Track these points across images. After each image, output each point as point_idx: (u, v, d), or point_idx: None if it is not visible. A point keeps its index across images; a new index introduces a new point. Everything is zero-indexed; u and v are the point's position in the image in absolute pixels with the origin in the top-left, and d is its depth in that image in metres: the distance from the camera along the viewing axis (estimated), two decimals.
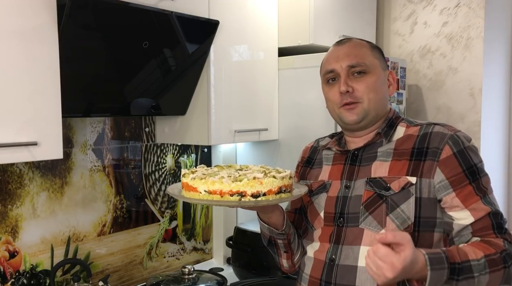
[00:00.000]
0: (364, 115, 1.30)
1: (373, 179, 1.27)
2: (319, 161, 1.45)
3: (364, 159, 1.33)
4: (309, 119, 2.23)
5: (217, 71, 1.98)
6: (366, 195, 1.26)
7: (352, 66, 1.30)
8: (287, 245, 1.40)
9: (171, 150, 2.26)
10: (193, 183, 1.21)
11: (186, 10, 1.77)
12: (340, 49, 1.35)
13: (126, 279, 2.09)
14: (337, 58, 1.32)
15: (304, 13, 2.24)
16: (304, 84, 2.24)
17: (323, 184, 1.37)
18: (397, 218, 1.22)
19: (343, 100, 1.30)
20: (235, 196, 1.18)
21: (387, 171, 1.26)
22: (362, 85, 1.29)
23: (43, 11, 1.40)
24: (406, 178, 1.23)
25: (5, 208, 1.68)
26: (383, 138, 1.31)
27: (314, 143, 1.54)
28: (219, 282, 1.89)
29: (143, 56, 1.71)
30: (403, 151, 1.27)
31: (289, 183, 1.25)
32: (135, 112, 1.87)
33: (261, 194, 1.18)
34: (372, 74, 1.30)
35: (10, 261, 1.70)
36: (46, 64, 1.42)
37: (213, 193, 1.19)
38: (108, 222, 2.01)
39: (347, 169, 1.34)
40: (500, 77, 2.81)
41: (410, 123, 1.34)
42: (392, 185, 1.24)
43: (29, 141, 1.37)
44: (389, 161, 1.28)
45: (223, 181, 1.18)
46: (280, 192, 1.22)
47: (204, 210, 2.43)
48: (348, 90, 1.29)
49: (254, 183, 1.18)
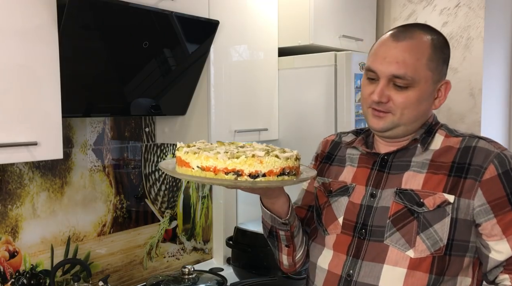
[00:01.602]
0: (391, 127, 1.17)
1: (404, 191, 1.14)
2: (340, 159, 1.31)
3: (394, 166, 1.19)
4: (309, 119, 2.23)
5: (217, 71, 1.98)
6: (395, 208, 1.14)
7: (396, 76, 1.13)
8: (290, 238, 1.28)
9: (171, 150, 2.26)
10: (186, 158, 1.10)
11: (186, 10, 1.77)
12: (393, 47, 1.15)
13: (126, 279, 2.09)
14: (383, 59, 1.14)
15: (304, 13, 2.23)
16: (304, 84, 2.24)
17: (345, 186, 1.25)
18: (428, 238, 1.10)
19: (373, 104, 1.17)
20: (231, 175, 1.05)
21: (421, 183, 1.14)
22: (400, 99, 1.14)
23: (43, 11, 1.40)
24: (443, 195, 1.11)
25: (5, 208, 1.68)
26: (420, 145, 1.18)
27: (336, 136, 1.39)
28: (219, 282, 1.89)
29: (143, 56, 1.71)
30: (441, 163, 1.14)
31: (295, 165, 1.11)
32: (135, 112, 1.87)
33: (260, 174, 1.05)
34: (417, 89, 1.14)
35: (10, 261, 1.70)
36: (46, 64, 1.42)
37: (207, 169, 1.06)
38: (108, 222, 2.01)
39: (374, 174, 1.21)
40: (500, 77, 2.81)
41: (450, 132, 1.20)
42: (426, 201, 1.11)
43: (29, 141, 1.37)
44: (424, 173, 1.15)
45: (218, 156, 1.05)
46: (283, 173, 1.08)
47: (204, 210, 2.43)
48: (382, 101, 1.14)
49: (252, 161, 1.05)
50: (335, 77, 2.15)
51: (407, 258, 1.11)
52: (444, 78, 1.19)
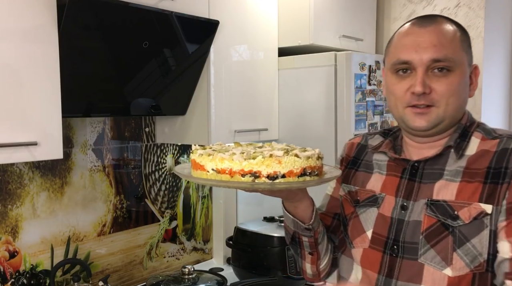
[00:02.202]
0: (437, 122, 1.06)
1: (436, 202, 1.04)
2: (367, 164, 1.20)
3: (426, 174, 1.08)
4: (309, 119, 2.23)
5: (217, 71, 1.98)
6: (427, 222, 1.04)
7: (436, 60, 1.03)
8: (313, 245, 1.19)
9: (171, 150, 2.26)
10: (200, 160, 1.04)
11: (186, 10, 1.77)
12: (422, 33, 1.05)
13: (126, 279, 2.08)
14: (417, 47, 1.04)
15: (304, 13, 2.23)
16: (304, 84, 2.24)
17: (374, 196, 1.14)
18: (466, 254, 1.00)
19: (412, 100, 1.05)
20: (248, 177, 0.98)
21: (454, 193, 1.03)
22: (443, 86, 1.03)
23: (43, 11, 1.40)
24: (479, 206, 1.00)
25: (5, 208, 1.68)
26: (454, 152, 1.07)
27: (361, 139, 1.28)
28: (219, 282, 1.89)
29: (143, 56, 1.71)
30: (476, 171, 1.03)
31: (317, 165, 1.03)
32: (135, 112, 1.87)
33: (279, 175, 0.98)
34: (458, 73, 1.04)
35: (10, 261, 1.70)
36: (46, 64, 1.42)
37: (222, 172, 1.00)
38: (108, 222, 2.01)
39: (404, 184, 1.10)
40: (500, 77, 2.81)
41: (487, 134, 1.08)
42: (460, 213, 1.01)
43: (29, 141, 1.37)
44: (458, 182, 1.03)
45: (233, 158, 0.99)
46: (304, 174, 1.00)
47: (204, 210, 2.43)
48: (426, 91, 1.03)
49: (270, 161, 0.98)
50: (335, 77, 2.15)
51: (445, 277, 1.01)
52: (472, 62, 1.11)
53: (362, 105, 2.18)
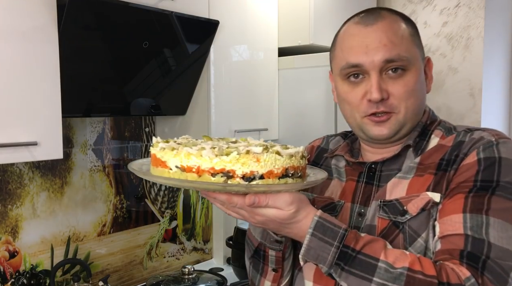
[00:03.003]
0: (398, 129, 0.98)
1: (388, 203, 0.96)
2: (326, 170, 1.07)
3: (384, 176, 1.01)
4: (309, 119, 2.23)
5: (217, 71, 1.98)
6: (381, 225, 0.96)
7: (389, 61, 0.94)
8: (280, 260, 1.05)
9: None
10: (162, 155, 0.87)
11: (186, 10, 1.77)
12: (369, 32, 0.97)
13: (126, 279, 2.08)
14: (366, 48, 0.95)
15: (304, 13, 2.23)
16: (304, 84, 2.24)
17: (332, 204, 1.05)
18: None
19: (370, 109, 0.96)
20: (219, 176, 0.82)
21: (405, 189, 0.96)
22: (400, 89, 0.95)
23: (43, 11, 1.40)
24: (426, 195, 0.93)
25: (5, 208, 1.68)
26: (413, 152, 1.00)
27: (322, 141, 1.20)
28: (219, 282, 1.89)
29: (143, 56, 1.71)
30: (429, 164, 0.97)
31: (300, 165, 0.89)
32: (135, 112, 1.87)
33: (257, 176, 0.83)
34: (413, 70, 0.96)
35: (10, 261, 1.70)
36: (46, 64, 1.41)
37: (188, 170, 0.83)
38: (108, 222, 2.01)
39: (361, 188, 1.03)
40: (500, 77, 2.81)
41: (447, 132, 1.01)
42: (408, 207, 0.93)
43: (29, 141, 1.37)
44: (410, 178, 0.97)
45: (202, 153, 0.83)
46: (286, 175, 0.86)
47: (204, 210, 2.43)
48: (383, 97, 0.95)
49: (247, 159, 0.82)
50: None
51: None
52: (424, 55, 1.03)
53: None
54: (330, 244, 0.86)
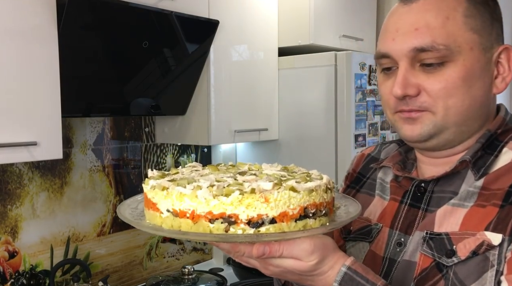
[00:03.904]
0: (434, 132, 0.78)
1: (436, 236, 0.76)
2: (371, 184, 0.93)
3: (435, 199, 0.81)
4: (309, 119, 2.23)
5: (217, 71, 1.98)
6: (423, 263, 0.76)
7: (420, 50, 0.75)
8: None
9: (171, 149, 2.25)
10: (152, 196, 0.73)
11: (186, 10, 1.77)
12: (405, 13, 0.78)
13: (125, 280, 2.08)
14: (395, 33, 0.78)
15: (304, 13, 2.23)
16: (304, 84, 2.24)
17: (368, 227, 0.88)
18: None
19: (399, 105, 0.79)
20: (218, 223, 0.67)
21: (460, 222, 0.75)
22: (436, 84, 0.75)
23: (43, 11, 1.39)
24: (483, 235, 0.71)
25: (4, 208, 1.68)
26: (472, 170, 0.78)
27: (374, 149, 0.99)
28: (219, 282, 1.89)
29: (143, 56, 1.71)
30: (495, 191, 0.74)
31: (325, 200, 0.72)
32: (134, 112, 1.86)
33: (266, 220, 0.67)
34: (460, 63, 0.75)
35: (10, 261, 1.70)
36: (46, 64, 1.41)
37: (181, 215, 0.69)
38: (108, 222, 2.00)
39: (403, 211, 0.83)
40: None
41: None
42: (458, 247, 0.73)
43: (28, 141, 1.37)
44: (468, 207, 0.75)
45: (197, 194, 0.68)
46: (304, 216, 0.69)
47: None
48: (408, 93, 0.76)
49: (253, 199, 0.67)
50: (335, 77, 2.14)
51: None
52: (501, 42, 0.79)
53: (363, 105, 2.18)
54: None
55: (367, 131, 2.21)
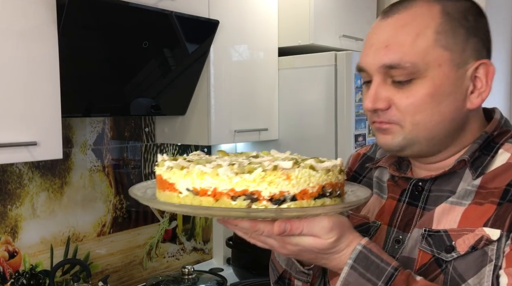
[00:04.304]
0: (405, 144, 0.80)
1: (434, 233, 0.78)
2: (368, 183, 0.95)
3: (433, 198, 0.83)
4: (309, 119, 2.23)
5: (217, 71, 1.98)
6: (422, 259, 0.79)
7: (390, 67, 0.77)
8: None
9: (171, 149, 2.25)
10: (169, 176, 0.72)
11: (186, 10, 1.77)
12: (381, 27, 0.81)
13: (125, 280, 2.08)
14: (370, 48, 0.80)
15: (304, 13, 2.23)
16: (304, 84, 2.24)
17: (366, 224, 0.90)
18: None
19: (372, 117, 0.82)
20: (241, 200, 0.67)
21: (458, 220, 0.77)
22: (404, 100, 0.78)
23: (43, 11, 1.40)
24: (482, 231, 0.74)
25: (4, 208, 1.68)
26: (470, 170, 0.80)
27: (370, 148, 1.02)
28: (219, 282, 1.89)
29: (143, 56, 1.71)
30: (492, 190, 0.77)
31: (339, 181, 0.74)
32: (134, 112, 1.86)
33: (288, 197, 0.68)
34: (428, 80, 0.77)
35: (10, 261, 1.70)
36: (46, 64, 1.41)
37: (202, 193, 0.68)
38: (108, 222, 2.00)
39: (401, 210, 0.86)
40: (501, 77, 2.81)
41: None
42: (457, 243, 0.75)
43: (28, 141, 1.37)
44: (466, 205, 0.78)
45: (219, 172, 0.68)
46: (322, 195, 0.71)
47: None
48: (378, 107, 0.79)
49: (275, 176, 0.67)
50: (335, 77, 2.14)
51: None
52: (479, 57, 0.79)
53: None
54: (372, 283, 0.70)
55: (367, 131, 2.21)
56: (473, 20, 0.79)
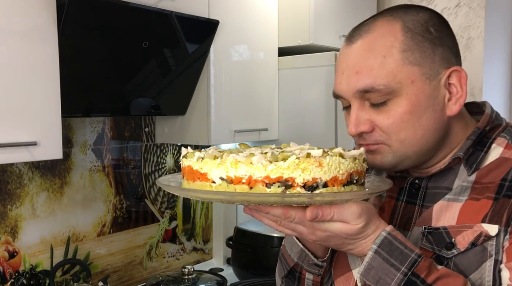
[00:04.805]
0: (396, 161, 0.83)
1: (434, 231, 0.80)
2: None
3: (430, 195, 0.85)
4: (309, 119, 2.23)
5: (217, 71, 1.98)
6: None
7: (364, 91, 0.79)
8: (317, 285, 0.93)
9: (171, 149, 2.25)
10: (201, 166, 0.74)
11: (186, 10, 1.77)
12: (348, 53, 0.82)
13: (125, 280, 2.08)
14: (342, 75, 0.83)
15: (304, 13, 2.23)
16: (304, 84, 2.24)
17: None
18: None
19: (358, 140, 0.85)
20: (275, 186, 0.70)
21: (456, 216, 0.79)
22: (385, 120, 0.80)
23: (43, 11, 1.39)
24: (481, 227, 0.76)
25: (4, 208, 1.68)
26: (465, 166, 0.82)
27: None
28: (219, 282, 1.89)
29: (143, 56, 1.71)
30: (487, 185, 0.79)
31: (363, 169, 0.77)
32: (134, 112, 1.86)
33: (320, 183, 0.71)
34: (404, 98, 0.78)
35: (10, 261, 1.70)
36: (46, 64, 1.41)
37: (236, 181, 0.70)
38: (108, 222, 2.00)
39: (401, 208, 0.88)
40: (501, 77, 2.81)
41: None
42: (457, 240, 0.77)
43: (28, 141, 1.37)
44: (462, 201, 0.80)
45: (253, 160, 0.70)
46: (350, 182, 0.74)
47: (204, 210, 2.42)
48: (363, 130, 0.82)
49: (308, 164, 0.70)
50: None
51: None
52: (449, 65, 0.81)
53: None
54: (396, 268, 0.72)
55: None
56: (436, 31, 0.80)
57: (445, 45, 0.81)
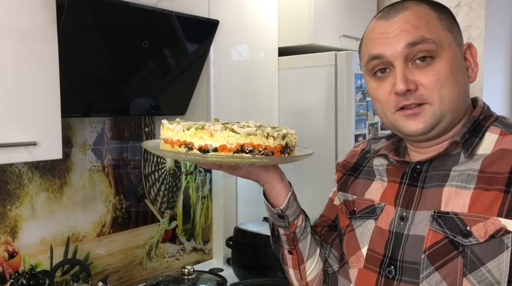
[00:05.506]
0: (435, 122, 0.89)
1: (444, 214, 0.86)
2: (368, 171, 1.05)
3: (430, 177, 0.92)
4: (309, 119, 2.22)
5: (217, 71, 1.98)
6: (432, 238, 0.87)
7: (413, 44, 0.86)
8: (291, 240, 1.04)
9: None
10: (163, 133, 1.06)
11: (186, 10, 1.77)
12: (390, 25, 0.90)
13: (125, 280, 2.08)
14: (386, 39, 0.89)
15: (304, 13, 2.23)
16: (304, 84, 2.24)
17: (372, 206, 0.99)
18: (480, 281, 0.81)
19: (400, 102, 0.89)
20: (183, 147, 0.97)
21: (467, 204, 0.84)
22: (431, 77, 0.87)
23: (43, 11, 1.39)
24: (498, 221, 0.81)
25: (4, 208, 1.67)
26: (462, 150, 0.90)
27: (366, 144, 1.13)
28: (219, 282, 1.89)
29: (143, 56, 1.71)
30: (494, 175, 0.84)
31: (266, 144, 0.97)
32: (134, 112, 1.86)
33: (210, 148, 0.95)
34: (446, 56, 0.88)
35: (9, 262, 1.69)
36: (46, 64, 1.41)
37: (166, 141, 1.02)
38: (108, 222, 2.00)
39: (403, 190, 0.95)
40: (501, 76, 2.81)
41: (507, 128, 0.90)
42: (474, 229, 0.82)
43: (28, 142, 1.37)
44: (471, 189, 0.85)
45: (175, 128, 0.99)
46: (241, 150, 0.95)
47: (204, 210, 2.42)
48: (410, 88, 0.87)
49: (202, 133, 0.96)
50: (335, 77, 2.14)
51: None
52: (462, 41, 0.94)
53: (363, 105, 2.18)
54: None
55: (367, 131, 2.21)
56: (450, 13, 0.96)
57: (457, 23, 0.95)
